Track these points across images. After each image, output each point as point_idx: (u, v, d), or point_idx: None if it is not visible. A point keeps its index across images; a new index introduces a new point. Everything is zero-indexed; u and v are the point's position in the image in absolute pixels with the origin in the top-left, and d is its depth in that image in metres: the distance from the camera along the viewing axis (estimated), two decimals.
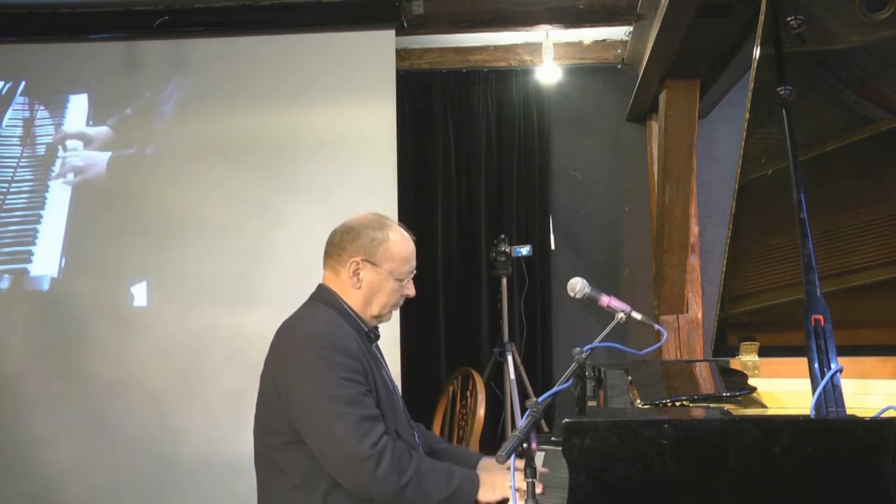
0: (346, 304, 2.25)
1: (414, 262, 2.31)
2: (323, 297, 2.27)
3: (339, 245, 2.27)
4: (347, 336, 2.18)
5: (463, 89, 4.75)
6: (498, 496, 2.10)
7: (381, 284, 2.24)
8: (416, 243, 2.35)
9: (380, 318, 2.30)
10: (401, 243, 2.28)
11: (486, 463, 2.36)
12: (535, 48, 4.60)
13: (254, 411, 2.25)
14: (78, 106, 4.23)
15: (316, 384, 2.07)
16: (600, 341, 1.95)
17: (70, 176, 4.19)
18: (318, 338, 2.14)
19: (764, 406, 2.21)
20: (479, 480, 2.12)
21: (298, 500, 2.13)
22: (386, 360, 2.43)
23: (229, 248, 4.08)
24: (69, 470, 3.99)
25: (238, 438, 3.85)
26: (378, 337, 2.37)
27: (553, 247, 4.72)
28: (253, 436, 2.25)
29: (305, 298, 2.34)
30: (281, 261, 4.03)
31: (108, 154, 4.19)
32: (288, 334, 2.22)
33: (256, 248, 4.08)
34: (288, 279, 3.96)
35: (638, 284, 4.71)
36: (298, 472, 2.12)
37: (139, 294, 4.13)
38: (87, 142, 4.20)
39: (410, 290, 2.31)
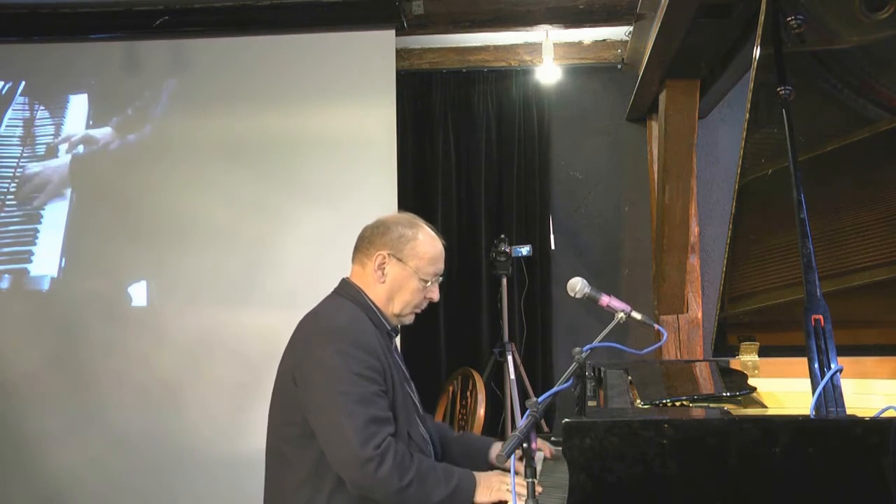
0: (369, 298, 2.25)
1: (441, 266, 2.30)
2: (346, 291, 2.27)
3: (369, 239, 2.28)
4: (369, 332, 2.18)
5: (463, 89, 4.75)
6: (494, 498, 2.10)
7: (404, 281, 2.24)
8: None
9: (401, 317, 2.29)
10: (429, 244, 2.27)
11: (495, 448, 2.36)
12: (535, 48, 4.60)
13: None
14: (78, 106, 4.23)
15: (330, 378, 2.08)
16: (600, 341, 1.95)
17: (70, 176, 4.18)
18: (339, 331, 2.14)
19: (764, 406, 2.21)
20: (476, 480, 2.12)
21: (304, 497, 2.13)
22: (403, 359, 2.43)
23: (229, 248, 4.08)
24: (69, 469, 4.00)
25: (238, 438, 3.86)
26: (398, 333, 2.37)
27: (553, 247, 4.72)
28: (267, 428, 2.25)
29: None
30: (281, 260, 4.03)
31: (107, 154, 4.18)
32: (310, 326, 2.23)
33: (256, 248, 4.08)
34: (288, 279, 3.96)
35: (638, 284, 4.71)
36: (306, 467, 2.13)
37: (139, 294, 4.13)
38: (87, 142, 4.20)
39: (434, 294, 2.30)
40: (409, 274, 2.24)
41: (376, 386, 2.11)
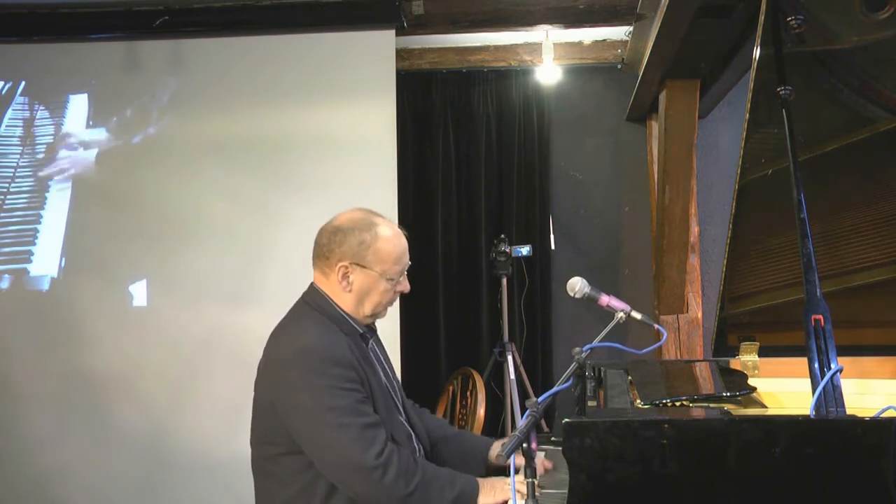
0: (337, 306, 2.20)
1: (406, 259, 2.23)
2: (314, 300, 2.22)
3: (327, 247, 2.20)
4: (340, 344, 2.13)
5: (463, 89, 4.75)
6: (498, 498, 2.10)
7: (372, 286, 2.18)
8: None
9: (374, 316, 2.25)
10: (391, 242, 2.20)
11: (496, 448, 2.35)
12: (535, 48, 4.60)
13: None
14: (78, 106, 4.22)
15: (313, 397, 2.05)
16: (600, 341, 1.95)
17: (70, 176, 4.19)
18: (310, 350, 2.10)
19: (764, 406, 2.21)
20: (480, 484, 2.12)
21: None
22: (387, 353, 2.40)
23: (229, 248, 4.08)
24: (68, 469, 3.99)
25: (237, 438, 3.83)
26: (373, 329, 2.32)
27: (553, 247, 4.72)
28: (249, 442, 2.23)
29: None
30: (280, 260, 4.03)
31: (107, 154, 4.18)
32: (280, 347, 2.18)
33: (256, 248, 4.08)
34: (287, 279, 3.92)
35: (638, 284, 4.71)
36: (296, 481, 2.11)
37: (139, 294, 4.13)
38: (87, 142, 4.20)
39: (404, 287, 2.25)
40: (375, 278, 2.18)
41: (359, 394, 2.08)
